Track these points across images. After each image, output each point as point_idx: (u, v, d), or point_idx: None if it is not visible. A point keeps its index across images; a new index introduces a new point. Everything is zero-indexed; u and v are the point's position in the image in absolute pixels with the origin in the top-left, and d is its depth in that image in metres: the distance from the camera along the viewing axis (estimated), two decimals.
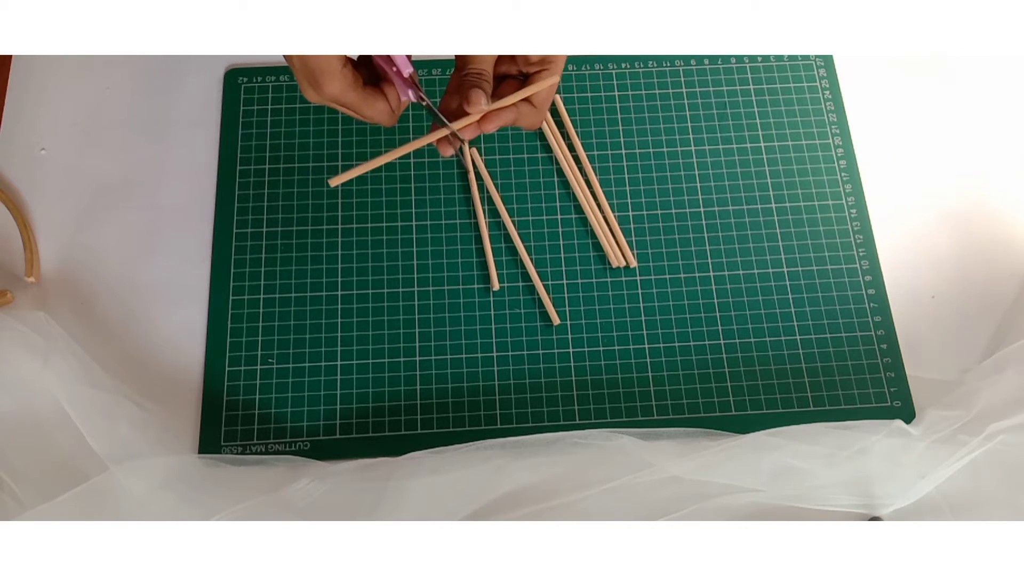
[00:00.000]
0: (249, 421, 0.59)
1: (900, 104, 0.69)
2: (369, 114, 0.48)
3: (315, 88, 0.46)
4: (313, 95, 0.47)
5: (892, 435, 0.57)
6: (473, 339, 0.61)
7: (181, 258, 0.63)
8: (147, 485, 0.54)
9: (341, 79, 0.46)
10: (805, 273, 0.64)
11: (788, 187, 0.66)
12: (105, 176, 0.65)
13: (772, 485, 0.56)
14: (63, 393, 0.54)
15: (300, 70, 0.46)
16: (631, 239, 0.64)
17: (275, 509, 0.54)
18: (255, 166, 0.66)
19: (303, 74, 0.46)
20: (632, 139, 0.67)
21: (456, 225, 0.65)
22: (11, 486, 0.53)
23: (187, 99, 0.68)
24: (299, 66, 0.46)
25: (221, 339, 0.61)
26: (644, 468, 0.55)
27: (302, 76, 0.46)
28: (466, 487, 0.55)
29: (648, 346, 0.62)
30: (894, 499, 0.56)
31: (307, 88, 0.47)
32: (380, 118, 0.49)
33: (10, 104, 0.67)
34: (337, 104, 0.48)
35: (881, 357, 0.62)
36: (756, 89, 0.69)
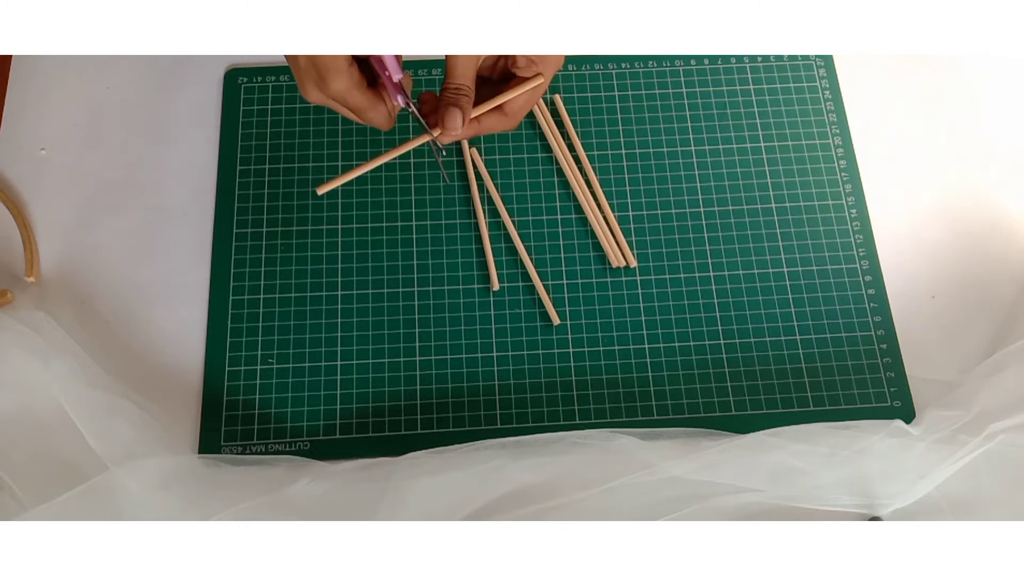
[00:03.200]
0: (249, 421, 0.59)
1: (900, 104, 0.69)
2: (370, 116, 0.48)
3: (320, 85, 0.45)
4: (315, 93, 0.46)
5: (892, 435, 0.57)
6: (473, 339, 0.61)
7: (181, 258, 0.63)
8: (147, 485, 0.53)
9: (347, 77, 0.46)
10: (805, 273, 0.64)
11: (788, 187, 0.66)
12: (105, 176, 0.65)
13: (772, 485, 0.56)
14: (63, 393, 0.54)
15: (305, 67, 0.45)
16: (631, 239, 0.64)
17: (275, 509, 0.54)
18: (255, 166, 0.66)
19: (308, 71, 0.45)
20: (632, 139, 0.67)
21: (456, 225, 0.65)
22: (11, 486, 0.53)
23: (187, 99, 0.68)
24: (304, 63, 0.45)
25: (221, 339, 0.61)
26: (644, 468, 0.55)
27: (306, 73, 0.46)
28: (466, 487, 0.55)
29: (648, 346, 0.62)
30: (894, 499, 0.56)
31: (310, 86, 0.46)
32: (379, 120, 0.49)
33: (10, 104, 0.67)
34: (339, 103, 0.47)
35: (881, 357, 0.62)
36: (756, 89, 0.69)
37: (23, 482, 0.54)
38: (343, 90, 0.46)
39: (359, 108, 0.47)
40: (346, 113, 0.49)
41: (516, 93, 0.49)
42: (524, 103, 0.50)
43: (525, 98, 0.50)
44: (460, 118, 0.47)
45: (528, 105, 0.51)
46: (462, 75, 0.48)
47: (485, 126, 0.50)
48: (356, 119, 0.49)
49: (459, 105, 0.48)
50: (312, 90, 0.46)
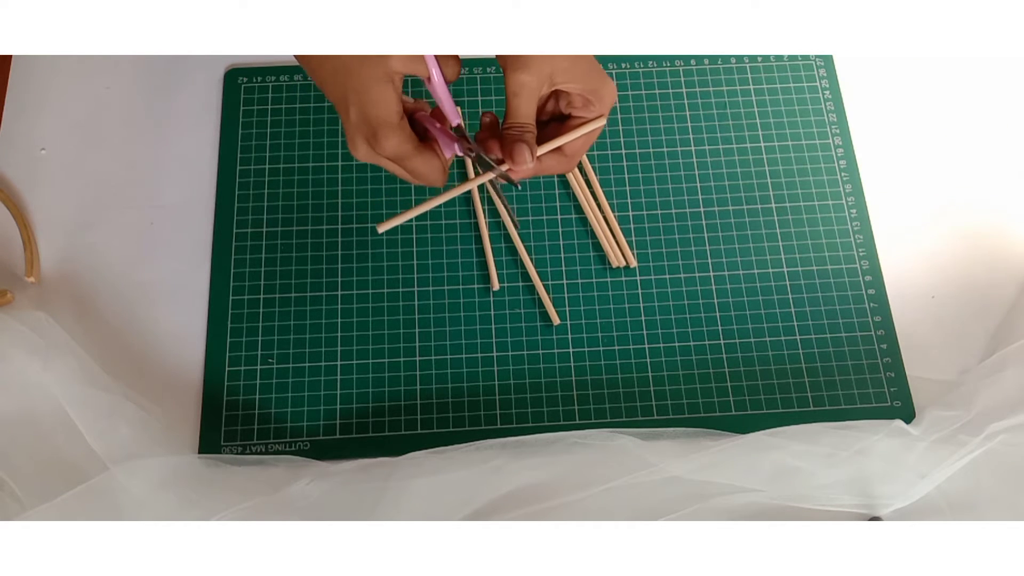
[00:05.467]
0: (249, 421, 0.59)
1: (900, 104, 0.69)
2: (423, 171, 0.46)
3: (372, 142, 0.44)
4: (365, 151, 0.45)
5: (892, 435, 0.57)
6: (473, 339, 0.61)
7: (181, 258, 0.63)
8: (147, 485, 0.54)
9: (400, 131, 0.44)
10: (805, 273, 0.64)
11: (788, 187, 0.66)
12: (105, 176, 0.65)
13: (772, 485, 0.56)
14: (63, 393, 0.54)
15: (356, 122, 0.44)
16: (631, 239, 0.64)
17: (275, 509, 0.54)
18: (255, 166, 0.66)
19: (359, 126, 0.44)
20: (632, 139, 0.67)
21: (456, 225, 0.65)
22: (11, 486, 0.53)
23: (187, 99, 0.68)
24: (355, 118, 0.44)
25: (221, 339, 0.61)
26: (644, 468, 0.56)
27: (357, 129, 0.44)
28: (466, 487, 0.55)
29: (648, 346, 0.62)
30: (894, 499, 0.56)
31: (359, 143, 0.44)
32: (433, 176, 0.47)
33: (10, 104, 0.67)
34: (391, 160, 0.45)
35: (881, 357, 0.62)
36: (756, 89, 0.69)
37: (23, 482, 0.54)
38: (396, 145, 0.44)
39: (413, 164, 0.46)
40: (396, 171, 0.47)
41: (579, 134, 0.48)
42: (583, 144, 0.49)
43: (584, 139, 0.49)
44: (529, 152, 0.46)
45: (586, 146, 0.50)
46: (525, 114, 0.47)
47: (546, 166, 0.49)
48: (408, 177, 0.47)
49: (526, 141, 0.46)
50: (362, 146, 0.44)
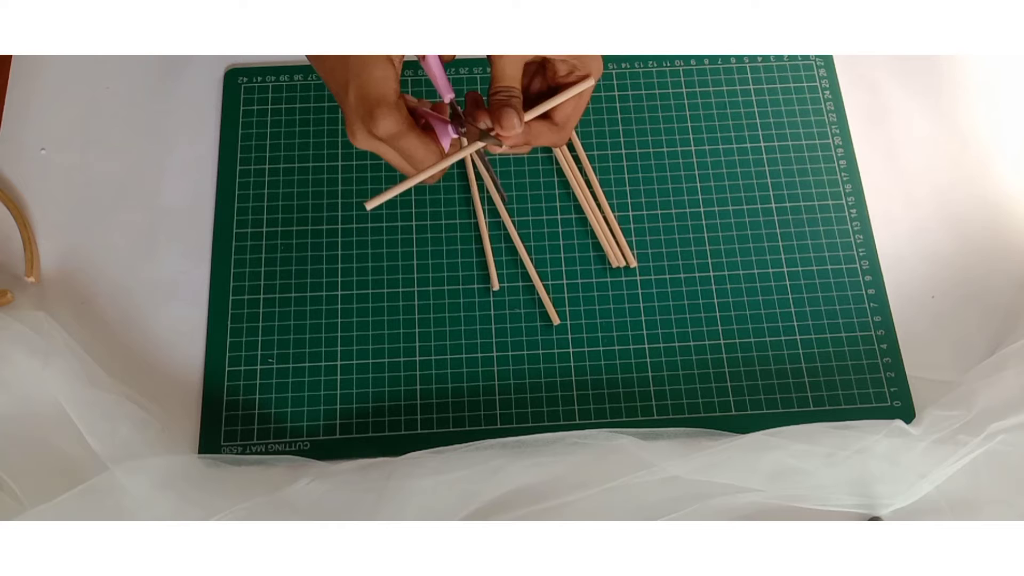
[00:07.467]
0: (249, 421, 0.59)
1: (900, 104, 0.69)
2: (420, 154, 0.45)
3: (368, 122, 0.43)
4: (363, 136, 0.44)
5: (892, 435, 0.57)
6: (473, 339, 0.61)
7: (181, 258, 0.63)
8: (147, 485, 0.54)
9: (396, 110, 0.43)
10: (805, 273, 0.64)
11: (788, 187, 0.66)
12: (105, 176, 0.65)
13: (772, 485, 0.56)
14: (63, 393, 0.54)
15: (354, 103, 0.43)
16: (631, 239, 0.64)
17: (275, 509, 0.54)
18: (255, 166, 0.66)
19: (357, 108, 0.43)
20: (632, 139, 0.67)
21: (456, 225, 0.65)
22: (11, 486, 0.53)
23: (187, 99, 0.68)
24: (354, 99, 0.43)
25: (221, 339, 0.61)
26: (644, 468, 0.55)
27: (355, 111, 0.44)
28: (466, 487, 0.55)
29: (648, 346, 0.62)
30: (894, 499, 0.56)
31: (357, 127, 0.44)
32: (429, 159, 0.46)
33: (10, 104, 0.67)
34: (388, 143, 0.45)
35: (881, 357, 0.62)
36: (756, 89, 0.69)
37: (23, 482, 0.54)
38: (392, 124, 0.43)
39: (409, 146, 0.45)
40: (394, 158, 0.46)
41: (566, 96, 0.47)
42: (573, 111, 0.48)
43: (573, 105, 0.48)
44: (516, 116, 0.45)
45: (577, 114, 0.49)
46: (511, 76, 0.46)
47: (535, 133, 0.48)
48: (405, 167, 0.47)
49: (511, 105, 0.45)
50: (360, 130, 0.44)
